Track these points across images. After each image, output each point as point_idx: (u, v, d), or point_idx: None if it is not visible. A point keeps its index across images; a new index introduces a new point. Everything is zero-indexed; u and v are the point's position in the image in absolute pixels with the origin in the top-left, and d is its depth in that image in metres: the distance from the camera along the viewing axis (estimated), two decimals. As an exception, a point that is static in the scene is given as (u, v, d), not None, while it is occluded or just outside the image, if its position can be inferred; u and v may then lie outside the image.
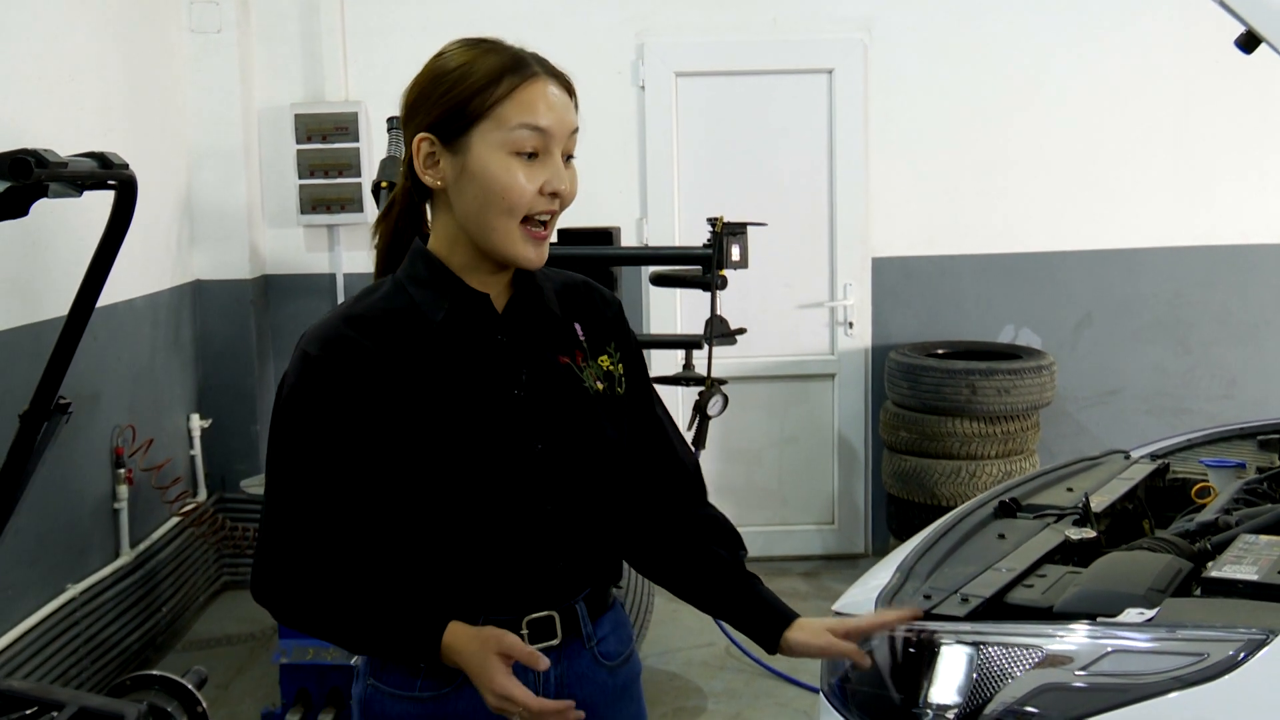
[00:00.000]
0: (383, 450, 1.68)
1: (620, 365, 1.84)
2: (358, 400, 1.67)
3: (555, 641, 1.76)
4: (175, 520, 5.06)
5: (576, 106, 1.72)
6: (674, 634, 4.92)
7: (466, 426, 1.69)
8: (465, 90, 1.65)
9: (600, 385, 1.80)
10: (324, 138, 5.47)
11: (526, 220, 1.67)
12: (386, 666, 1.77)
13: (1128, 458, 3.16)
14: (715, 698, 4.43)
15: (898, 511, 5.40)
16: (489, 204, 1.67)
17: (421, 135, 1.69)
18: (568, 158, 1.71)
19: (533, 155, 1.66)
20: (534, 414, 1.73)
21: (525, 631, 1.74)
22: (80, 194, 2.38)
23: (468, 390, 1.70)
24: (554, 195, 1.67)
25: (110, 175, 2.39)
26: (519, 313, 1.76)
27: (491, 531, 1.71)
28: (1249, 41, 2.10)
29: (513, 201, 1.66)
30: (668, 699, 4.42)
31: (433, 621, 1.68)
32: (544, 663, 1.63)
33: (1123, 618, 1.94)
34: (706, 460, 5.67)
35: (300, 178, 5.50)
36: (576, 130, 1.71)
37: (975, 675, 1.97)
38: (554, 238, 1.81)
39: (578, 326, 1.82)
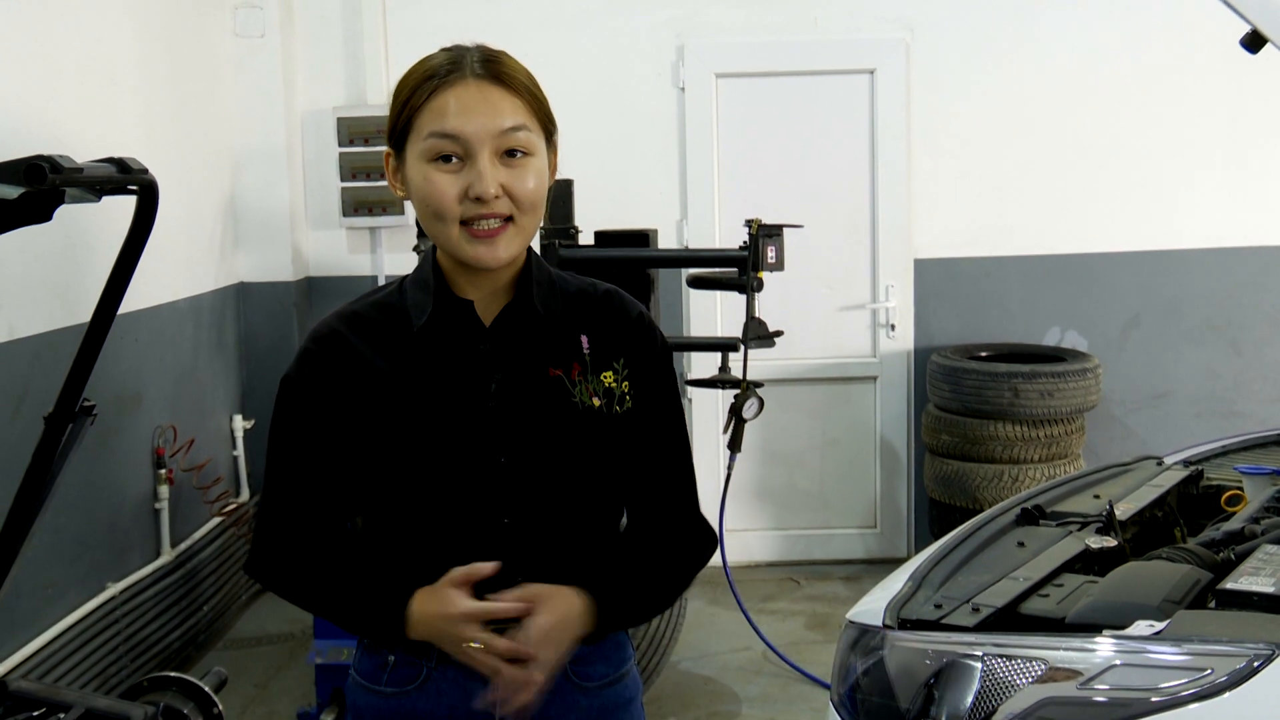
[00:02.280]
0: (356, 445, 1.72)
1: (626, 383, 1.75)
2: (338, 395, 1.72)
3: None
4: (217, 520, 5.11)
5: (535, 103, 1.67)
6: (709, 638, 4.90)
7: (431, 433, 1.69)
8: (398, 103, 1.68)
9: (596, 401, 1.72)
10: (366, 141, 5.50)
11: (465, 223, 1.64)
12: (363, 659, 1.79)
13: (1160, 464, 3.10)
14: (750, 702, 4.41)
15: (940, 515, 5.34)
16: (424, 213, 1.67)
17: (386, 150, 1.72)
18: (511, 153, 1.64)
19: (459, 159, 1.63)
20: (502, 426, 1.70)
21: None
22: (99, 199, 2.39)
23: (439, 397, 1.70)
24: (478, 200, 1.62)
25: (130, 180, 2.39)
26: (511, 321, 1.73)
27: (446, 539, 1.71)
28: (1254, 41, 2.06)
29: (435, 210, 1.64)
30: (702, 703, 4.40)
31: (398, 594, 1.68)
32: (486, 569, 1.64)
33: (1131, 630, 1.90)
34: (747, 463, 5.68)
35: (342, 180, 5.53)
36: (520, 129, 1.64)
37: (981, 687, 1.94)
38: (588, 235, 1.80)
39: (584, 338, 1.75)
